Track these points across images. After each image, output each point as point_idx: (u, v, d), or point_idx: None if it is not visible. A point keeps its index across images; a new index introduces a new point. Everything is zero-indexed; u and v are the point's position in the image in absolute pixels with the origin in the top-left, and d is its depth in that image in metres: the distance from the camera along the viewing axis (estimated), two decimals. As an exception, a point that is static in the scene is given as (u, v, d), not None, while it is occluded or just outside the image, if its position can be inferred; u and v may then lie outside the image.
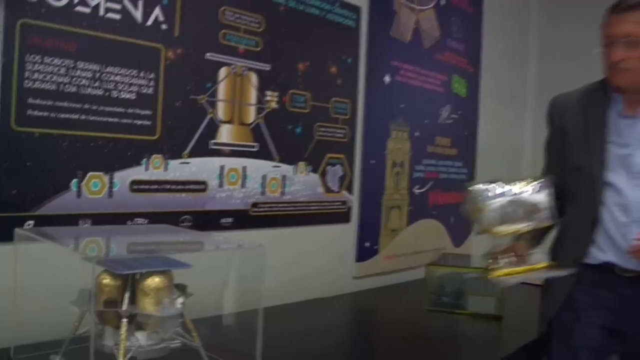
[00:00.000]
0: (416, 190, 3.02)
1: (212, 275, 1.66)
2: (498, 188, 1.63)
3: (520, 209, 1.63)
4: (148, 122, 1.87)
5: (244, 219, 2.17)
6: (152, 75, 1.87)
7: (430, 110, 3.12)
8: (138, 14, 1.84)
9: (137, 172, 1.85)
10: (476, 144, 3.54)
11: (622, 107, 1.72)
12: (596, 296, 1.75)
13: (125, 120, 1.81)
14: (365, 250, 2.69)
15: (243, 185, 2.16)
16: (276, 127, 2.26)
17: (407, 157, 2.94)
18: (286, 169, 2.31)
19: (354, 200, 2.64)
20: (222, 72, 2.08)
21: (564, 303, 1.80)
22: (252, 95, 2.18)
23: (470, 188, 1.67)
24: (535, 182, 1.67)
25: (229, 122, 2.10)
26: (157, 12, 1.89)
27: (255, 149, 2.19)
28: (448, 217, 3.25)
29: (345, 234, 2.63)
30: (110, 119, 1.78)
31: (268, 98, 2.23)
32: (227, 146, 2.10)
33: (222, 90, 2.08)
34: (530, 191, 1.64)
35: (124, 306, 1.24)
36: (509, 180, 1.66)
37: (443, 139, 3.21)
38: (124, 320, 1.23)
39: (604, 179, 1.72)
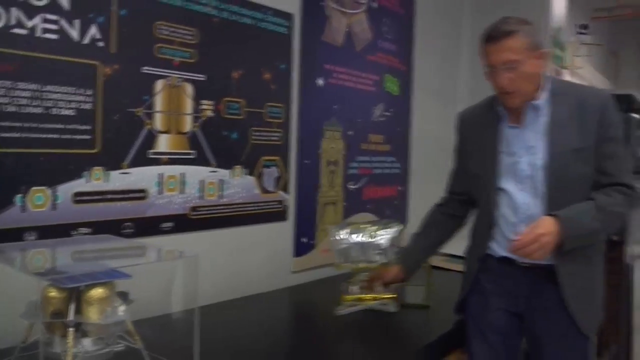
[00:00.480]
0: (350, 186, 3.18)
1: (152, 280, 1.79)
2: (351, 232, 1.96)
3: (366, 251, 1.95)
4: (88, 137, 1.97)
5: (184, 223, 2.29)
6: (90, 91, 1.97)
7: (363, 110, 3.28)
8: (74, 33, 1.93)
9: (79, 185, 1.95)
10: (409, 139, 3.72)
11: (507, 119, 1.92)
12: (499, 284, 1.97)
13: (65, 136, 1.91)
14: (302, 245, 2.84)
15: (182, 191, 2.28)
16: (212, 134, 2.38)
17: (340, 156, 3.10)
18: (223, 173, 2.43)
19: (289, 199, 2.79)
20: (158, 84, 2.18)
21: (475, 289, 2.02)
22: (188, 105, 2.29)
23: (330, 227, 2.08)
24: (383, 230, 2.05)
25: (166, 131, 2.21)
26: (93, 30, 1.98)
27: (192, 156, 2.30)
28: (383, 210, 3.44)
29: (283, 231, 2.78)
30: (51, 136, 1.87)
31: (204, 107, 2.35)
32: (165, 155, 2.21)
33: (158, 101, 2.18)
34: (376, 237, 1.97)
35: (70, 316, 1.36)
36: (363, 226, 2.05)
37: (376, 136, 3.37)
38: (71, 329, 1.35)
39: (498, 185, 1.92)
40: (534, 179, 1.87)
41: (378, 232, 2.06)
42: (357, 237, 2.06)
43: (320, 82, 2.94)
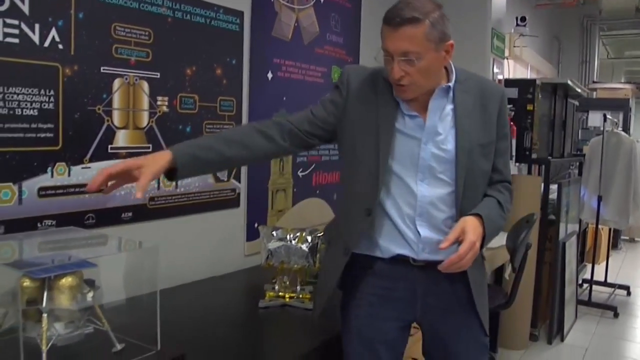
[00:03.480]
0: (300, 174, 3.37)
1: (116, 267, 1.94)
2: (280, 233, 2.16)
3: (290, 253, 2.16)
4: (51, 135, 2.09)
5: (143, 212, 2.44)
6: (51, 92, 2.09)
7: (311, 100, 3.37)
8: (35, 37, 2.04)
9: (44, 180, 2.08)
10: (355, 127, 3.91)
11: (406, 107, 1.72)
12: (391, 289, 1.76)
13: (29, 135, 2.03)
14: (254, 230, 3.01)
15: (140, 183, 2.42)
16: (167, 129, 2.52)
17: (290, 145, 3.27)
18: (179, 165, 2.58)
19: (242, 187, 2.96)
20: (116, 83, 2.31)
21: (359, 297, 1.81)
22: (145, 102, 2.43)
23: (261, 228, 2.23)
24: (309, 235, 2.21)
25: (124, 127, 2.35)
26: (53, 33, 2.09)
27: (149, 150, 2.44)
28: (331, 194, 3.64)
29: (236, 217, 2.96)
30: (16, 135, 1.99)
31: (159, 103, 2.49)
32: (123, 149, 2.35)
33: (116, 99, 2.31)
34: (301, 242, 2.18)
35: (44, 304, 1.51)
36: (291, 230, 2.23)
37: (324, 125, 3.55)
38: (44, 315, 1.50)
39: (393, 170, 1.70)
40: (434, 170, 1.70)
41: (304, 237, 2.25)
42: (284, 240, 2.26)
43: (269, 75, 3.10)
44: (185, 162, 1.59)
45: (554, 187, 4.70)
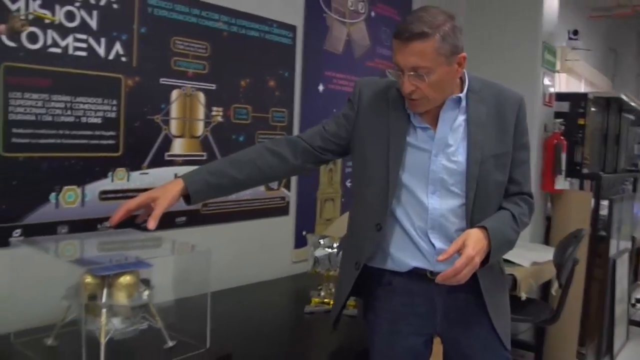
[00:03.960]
0: (348, 184, 3.44)
1: (169, 268, 2.05)
2: (327, 242, 2.21)
3: (336, 261, 2.22)
4: (112, 142, 2.22)
5: (196, 217, 2.55)
6: (114, 102, 2.22)
7: (361, 112, 3.52)
8: (101, 50, 2.17)
9: (105, 184, 2.21)
10: (404, 138, 3.96)
11: (417, 119, 1.71)
12: (410, 305, 1.75)
13: (93, 141, 2.16)
14: (303, 238, 3.08)
15: (194, 189, 2.53)
16: (222, 138, 2.63)
17: (339, 155, 3.34)
18: (231, 173, 2.68)
19: (291, 195, 3.05)
20: (174, 94, 2.43)
21: (379, 314, 1.80)
22: (200, 112, 2.55)
23: (308, 236, 2.29)
24: None
25: (181, 136, 2.47)
26: (117, 46, 2.22)
27: (204, 158, 2.55)
28: (378, 205, 3.69)
29: (285, 225, 3.05)
30: (81, 141, 2.13)
31: (214, 113, 2.60)
32: (179, 157, 2.47)
33: (174, 109, 2.44)
34: None
35: (103, 299, 1.62)
36: (339, 239, 2.26)
37: (372, 136, 3.61)
38: (104, 310, 1.61)
39: (404, 183, 1.69)
40: (446, 183, 1.68)
41: None
42: (331, 248, 2.32)
43: (320, 87, 3.19)
44: (196, 189, 1.69)
45: (605, 203, 4.63)
